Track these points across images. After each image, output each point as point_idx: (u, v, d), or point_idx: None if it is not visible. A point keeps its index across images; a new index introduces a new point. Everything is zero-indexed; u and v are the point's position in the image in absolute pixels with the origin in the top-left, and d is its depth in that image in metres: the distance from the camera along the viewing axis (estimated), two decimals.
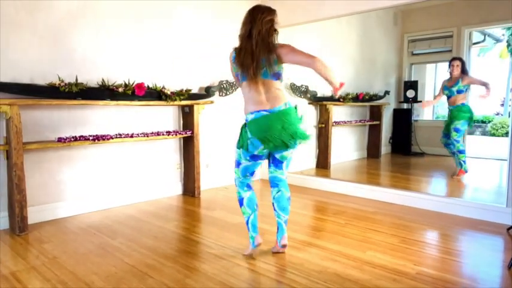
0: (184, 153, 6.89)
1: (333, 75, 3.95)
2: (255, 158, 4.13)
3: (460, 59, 7.47)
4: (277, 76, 4.09)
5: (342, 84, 3.95)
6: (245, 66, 4.04)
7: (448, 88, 7.46)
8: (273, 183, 4.36)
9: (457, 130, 7.37)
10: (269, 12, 4.17)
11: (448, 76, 7.54)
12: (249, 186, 4.35)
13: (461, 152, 7.39)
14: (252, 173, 4.32)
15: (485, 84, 7.34)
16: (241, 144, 4.12)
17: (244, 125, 4.20)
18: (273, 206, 4.33)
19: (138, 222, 5.34)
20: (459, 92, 7.37)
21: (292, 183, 7.65)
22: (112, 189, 6.09)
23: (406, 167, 7.84)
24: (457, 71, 7.41)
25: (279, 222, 4.30)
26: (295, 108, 4.11)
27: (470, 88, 7.46)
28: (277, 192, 4.33)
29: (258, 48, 3.98)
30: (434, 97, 8.23)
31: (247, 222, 4.25)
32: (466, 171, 7.41)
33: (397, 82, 9.07)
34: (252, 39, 4.03)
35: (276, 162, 4.30)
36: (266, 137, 3.91)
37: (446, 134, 7.56)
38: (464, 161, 7.40)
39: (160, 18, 6.44)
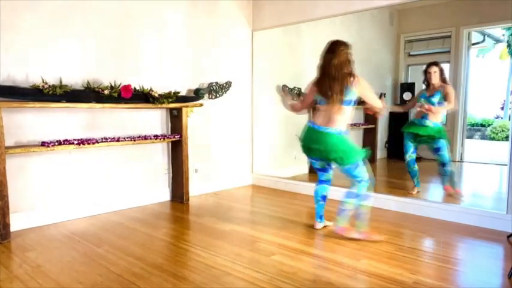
0: (173, 158, 6.90)
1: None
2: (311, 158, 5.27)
3: (438, 65, 6.94)
4: (348, 102, 4.87)
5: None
6: (326, 92, 4.87)
7: (427, 98, 6.90)
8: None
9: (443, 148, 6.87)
10: (346, 46, 4.94)
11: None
12: (320, 181, 5.49)
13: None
14: (319, 169, 5.44)
15: (452, 104, 6.86)
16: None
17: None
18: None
19: (124, 230, 5.35)
20: (440, 103, 6.82)
21: (284, 189, 7.71)
22: (98, 195, 6.09)
23: (403, 172, 7.85)
24: (435, 79, 6.85)
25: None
26: (343, 136, 4.94)
27: None
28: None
29: (338, 76, 4.81)
30: (405, 102, 8.03)
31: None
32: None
33: (393, 84, 9.08)
34: (331, 69, 4.84)
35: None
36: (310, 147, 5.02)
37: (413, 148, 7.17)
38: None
39: (148, 18, 6.47)
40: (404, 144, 7.09)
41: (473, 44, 7.95)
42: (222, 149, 7.81)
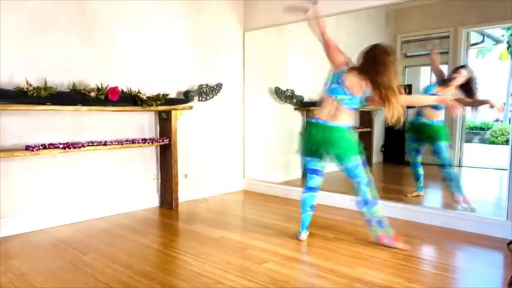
0: (161, 162, 6.92)
1: None
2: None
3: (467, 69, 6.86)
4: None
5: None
6: None
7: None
8: None
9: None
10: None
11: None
12: (309, 188, 5.30)
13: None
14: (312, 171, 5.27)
15: None
16: None
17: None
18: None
19: (111, 237, 5.36)
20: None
21: (277, 194, 7.72)
22: (84, 201, 6.09)
23: (399, 177, 7.89)
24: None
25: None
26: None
27: None
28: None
29: None
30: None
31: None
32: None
33: None
34: None
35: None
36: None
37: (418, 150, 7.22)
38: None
39: (135, 18, 6.49)
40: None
41: (472, 45, 7.95)
42: (212, 153, 7.84)
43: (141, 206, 6.75)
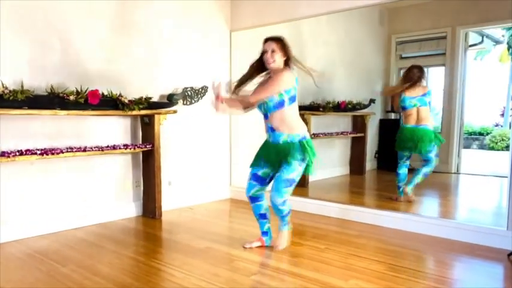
0: (144, 169, 6.93)
1: None
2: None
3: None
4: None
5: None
6: None
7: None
8: None
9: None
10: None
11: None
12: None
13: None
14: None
15: None
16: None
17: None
18: None
19: (91, 247, 5.37)
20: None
21: None
22: (62, 210, 6.08)
23: (394, 184, 7.90)
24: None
25: None
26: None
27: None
28: None
29: None
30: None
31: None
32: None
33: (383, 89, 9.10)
34: None
35: None
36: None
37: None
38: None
39: (116, 19, 6.51)
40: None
41: (471, 46, 7.96)
42: (197, 159, 7.86)
43: (122, 215, 6.75)
